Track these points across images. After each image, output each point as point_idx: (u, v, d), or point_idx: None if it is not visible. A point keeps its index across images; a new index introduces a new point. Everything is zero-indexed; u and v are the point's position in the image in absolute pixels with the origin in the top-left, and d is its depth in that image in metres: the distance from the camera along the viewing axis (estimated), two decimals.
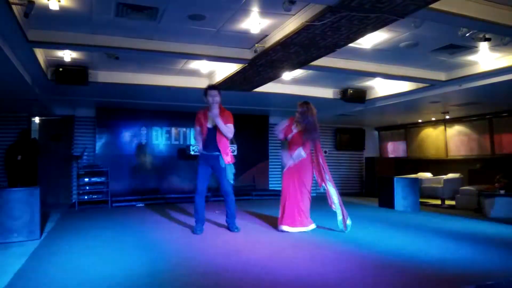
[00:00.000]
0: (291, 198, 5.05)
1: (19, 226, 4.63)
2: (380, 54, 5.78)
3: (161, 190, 9.29)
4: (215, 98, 4.94)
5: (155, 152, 9.75)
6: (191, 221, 5.95)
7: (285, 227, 4.94)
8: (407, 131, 11.75)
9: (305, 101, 5.29)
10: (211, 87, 5.11)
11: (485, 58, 5.91)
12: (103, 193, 8.17)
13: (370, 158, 11.91)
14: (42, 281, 3.02)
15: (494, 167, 8.78)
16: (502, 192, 7.04)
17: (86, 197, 8.07)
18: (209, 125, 5.02)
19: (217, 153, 5.00)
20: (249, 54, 5.61)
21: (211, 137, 5.02)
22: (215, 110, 4.92)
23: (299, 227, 4.95)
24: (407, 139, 11.78)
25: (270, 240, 4.52)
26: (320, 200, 5.91)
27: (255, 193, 9.66)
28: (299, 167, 5.12)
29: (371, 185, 11.18)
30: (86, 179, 8.15)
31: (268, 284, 2.88)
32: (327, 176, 5.16)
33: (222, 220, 5.88)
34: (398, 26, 4.56)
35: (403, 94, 7.80)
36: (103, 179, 8.21)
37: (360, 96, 8.18)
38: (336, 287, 2.82)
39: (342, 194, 3.60)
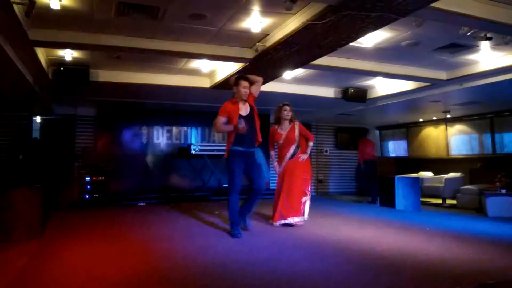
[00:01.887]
0: (294, 189, 5.28)
1: (20, 225, 4.64)
2: (381, 53, 5.77)
3: (162, 189, 9.29)
4: (247, 90, 4.62)
5: (156, 151, 9.76)
6: (191, 220, 5.96)
7: (292, 219, 5.23)
8: (408, 130, 11.75)
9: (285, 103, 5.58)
10: (244, 77, 4.73)
11: (486, 57, 5.90)
12: (104, 192, 8.17)
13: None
14: (44, 280, 3.02)
15: (495, 166, 8.76)
16: (503, 191, 7.03)
17: (87, 196, 8.08)
18: (244, 113, 4.59)
19: (254, 148, 4.62)
20: (250, 54, 5.60)
21: (248, 127, 4.48)
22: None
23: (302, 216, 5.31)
24: (408, 138, 11.77)
25: (270, 239, 4.52)
26: (318, 200, 5.90)
27: None
28: (296, 161, 5.42)
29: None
30: (88, 178, 8.17)
31: (268, 284, 2.88)
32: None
33: (222, 219, 5.88)
34: (399, 25, 4.55)
35: (404, 93, 7.79)
36: (104, 178, 8.22)
37: (361, 95, 8.18)
38: (336, 286, 2.82)
39: (343, 193, 3.66)
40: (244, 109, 4.62)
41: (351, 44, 5.00)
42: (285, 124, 5.53)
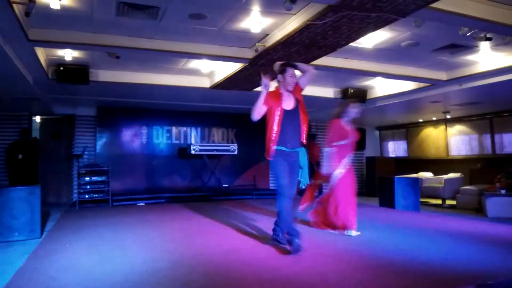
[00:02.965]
0: (352, 202, 4.81)
1: (20, 225, 4.64)
2: (381, 53, 5.77)
3: (161, 189, 9.28)
4: (294, 79, 4.01)
5: (155, 151, 9.75)
6: (191, 220, 5.96)
7: (354, 232, 4.68)
8: (408, 130, 11.75)
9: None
10: (292, 64, 4.08)
11: (486, 58, 5.90)
12: (104, 192, 8.17)
13: (370, 158, 11.90)
14: (43, 280, 3.02)
15: (495, 166, 8.77)
16: (503, 192, 7.03)
17: (86, 196, 8.08)
18: (288, 106, 3.96)
19: (298, 149, 3.97)
20: (250, 54, 5.61)
21: (291, 125, 3.91)
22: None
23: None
24: (407, 139, 11.77)
25: (270, 239, 4.52)
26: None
27: (256, 192, 9.66)
28: (350, 172, 4.93)
29: (371, 184, 11.17)
30: (87, 178, 8.17)
31: (269, 283, 2.88)
32: None
33: (220, 220, 5.88)
34: (399, 25, 4.55)
35: (404, 94, 7.80)
36: (103, 178, 8.22)
37: (360, 95, 8.18)
38: (336, 287, 2.82)
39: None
40: (289, 102, 3.98)
41: (351, 44, 5.00)
42: (348, 122, 5.00)
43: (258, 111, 3.90)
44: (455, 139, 10.31)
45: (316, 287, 2.80)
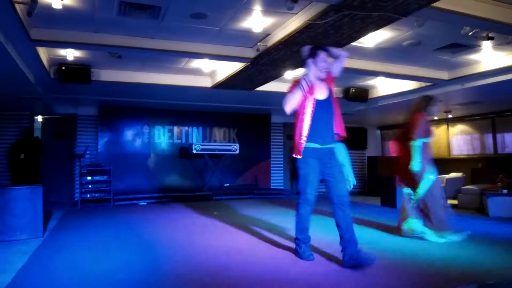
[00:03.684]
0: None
1: (22, 224, 4.65)
2: (383, 53, 5.77)
3: (163, 188, 9.30)
4: (327, 64, 3.48)
5: (157, 151, 9.77)
6: (192, 220, 5.97)
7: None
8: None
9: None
10: (323, 48, 3.54)
11: (488, 57, 5.88)
12: (106, 191, 8.19)
13: (372, 157, 11.89)
14: (45, 279, 3.03)
15: (497, 166, 8.75)
16: (504, 191, 7.02)
17: (88, 195, 8.09)
18: (321, 96, 3.45)
19: (333, 144, 3.48)
20: (251, 53, 5.61)
21: (324, 118, 3.41)
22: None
23: None
24: None
25: (271, 239, 4.53)
26: (319, 200, 5.89)
27: (257, 191, 9.66)
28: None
29: (373, 184, 11.15)
30: (89, 178, 8.18)
31: (269, 283, 2.88)
32: None
33: (222, 220, 5.88)
34: (401, 24, 4.54)
35: (406, 93, 7.78)
36: (105, 177, 8.24)
37: (362, 95, 8.17)
38: (336, 286, 2.82)
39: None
40: (320, 91, 3.47)
41: (353, 43, 4.99)
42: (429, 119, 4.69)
43: (293, 102, 3.41)
44: (456, 139, 10.29)
45: (316, 287, 2.80)
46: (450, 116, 9.99)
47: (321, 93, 3.45)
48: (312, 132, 3.37)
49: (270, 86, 7.34)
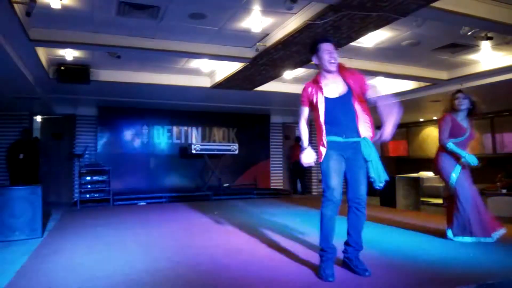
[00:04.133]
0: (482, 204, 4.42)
1: (21, 224, 4.64)
2: (382, 53, 5.77)
3: (162, 188, 9.29)
4: (333, 54, 3.13)
5: (156, 151, 9.77)
6: (192, 220, 5.96)
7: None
8: (409, 130, 11.74)
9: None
10: (325, 39, 3.23)
11: (487, 57, 5.90)
12: (105, 191, 8.18)
13: None
14: (44, 280, 3.02)
15: (496, 166, 8.76)
16: (503, 191, 7.03)
17: (87, 195, 8.08)
18: (333, 93, 3.12)
19: (358, 138, 3.21)
20: (250, 53, 5.61)
21: (342, 112, 3.14)
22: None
23: None
24: (408, 138, 11.76)
25: (271, 238, 4.52)
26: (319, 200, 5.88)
27: (256, 192, 9.66)
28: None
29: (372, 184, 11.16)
30: (88, 178, 8.17)
31: (270, 283, 2.88)
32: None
33: (221, 220, 5.88)
34: (400, 24, 4.55)
35: (405, 93, 7.80)
36: (104, 177, 8.23)
37: None
38: (336, 286, 2.82)
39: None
40: (332, 88, 3.14)
41: (352, 43, 5.00)
42: (461, 116, 4.50)
43: (303, 115, 3.25)
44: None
45: (316, 287, 2.80)
46: None
47: (333, 90, 3.13)
48: (331, 127, 3.10)
49: (270, 86, 7.34)
